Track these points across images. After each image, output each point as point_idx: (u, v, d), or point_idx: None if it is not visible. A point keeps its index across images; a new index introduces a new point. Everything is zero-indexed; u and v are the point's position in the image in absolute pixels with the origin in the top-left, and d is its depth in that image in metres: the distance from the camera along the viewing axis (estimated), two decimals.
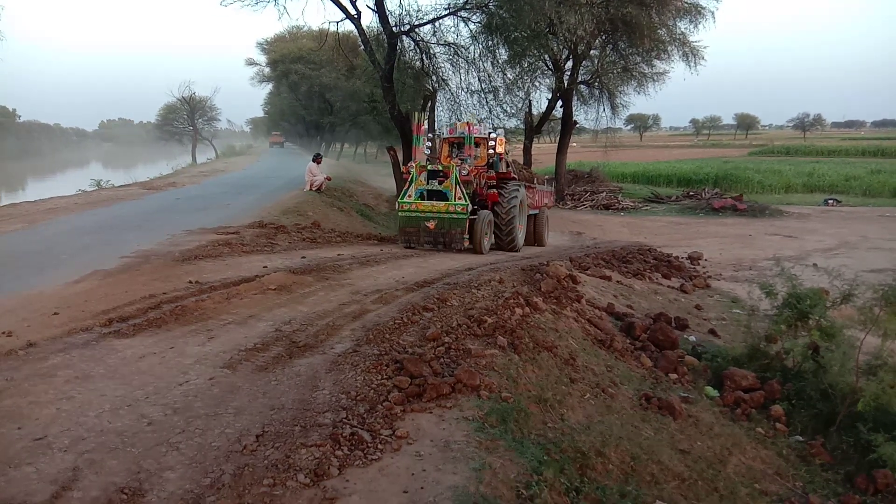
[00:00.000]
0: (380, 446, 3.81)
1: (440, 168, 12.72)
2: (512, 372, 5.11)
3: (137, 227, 12.52)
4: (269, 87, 57.01)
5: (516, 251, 13.35)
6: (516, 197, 13.48)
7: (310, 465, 3.50)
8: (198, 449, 3.63)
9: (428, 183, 12.54)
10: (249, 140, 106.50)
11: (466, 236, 12.21)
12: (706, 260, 14.49)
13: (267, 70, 50.26)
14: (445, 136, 14.96)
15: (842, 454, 5.25)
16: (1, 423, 3.90)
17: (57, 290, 7.38)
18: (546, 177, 19.37)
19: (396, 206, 12.63)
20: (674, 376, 6.39)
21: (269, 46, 47.33)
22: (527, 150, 27.02)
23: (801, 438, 5.51)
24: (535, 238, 15.87)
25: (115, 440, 3.71)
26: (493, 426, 4.18)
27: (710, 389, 6.24)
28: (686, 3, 22.37)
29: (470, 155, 14.00)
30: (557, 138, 29.10)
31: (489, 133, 14.19)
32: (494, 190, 13.55)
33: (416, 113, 13.61)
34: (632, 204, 27.08)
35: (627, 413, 5.17)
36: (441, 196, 12.37)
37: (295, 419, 4.04)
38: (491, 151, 14.02)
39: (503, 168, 14.30)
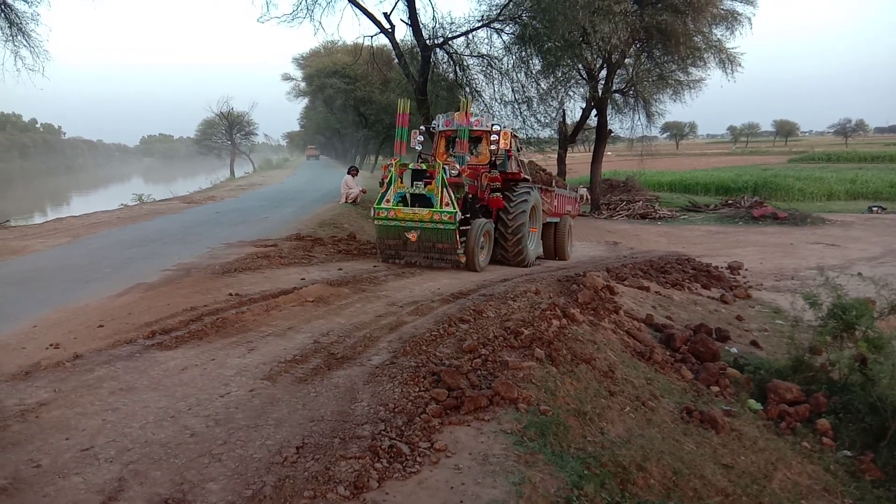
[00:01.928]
0: (418, 459, 3.81)
1: (424, 167, 10.73)
2: (550, 384, 5.07)
3: (178, 240, 12.77)
4: (304, 101, 57.82)
5: (526, 266, 11.70)
6: (526, 201, 11.68)
7: (349, 477, 3.51)
8: (239, 460, 3.67)
9: (412, 185, 10.62)
10: (286, 154, 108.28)
11: (460, 251, 10.39)
12: (746, 270, 14.21)
13: (303, 85, 50.95)
14: (441, 128, 12.76)
15: (893, 470, 5.08)
16: (49, 433, 4.00)
17: (102, 302, 7.56)
18: (581, 186, 18.94)
19: (372, 213, 10.83)
20: (715, 389, 6.26)
21: (305, 61, 47.99)
22: (561, 160, 26.94)
23: (849, 453, 5.35)
24: (555, 251, 14.27)
25: (158, 451, 3.77)
26: (531, 440, 4.15)
27: (753, 402, 6.10)
28: (722, 9, 22.15)
29: (463, 152, 11.88)
30: (592, 147, 28.96)
31: (492, 125, 12.08)
32: (498, 194, 11.66)
33: (401, 100, 11.61)
34: (669, 213, 26.74)
35: (668, 426, 5.08)
36: (426, 202, 10.47)
37: (334, 431, 4.06)
38: (493, 147, 11.70)
39: (512, 167, 12.50)
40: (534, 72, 20.38)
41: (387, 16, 18.49)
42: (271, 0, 30.11)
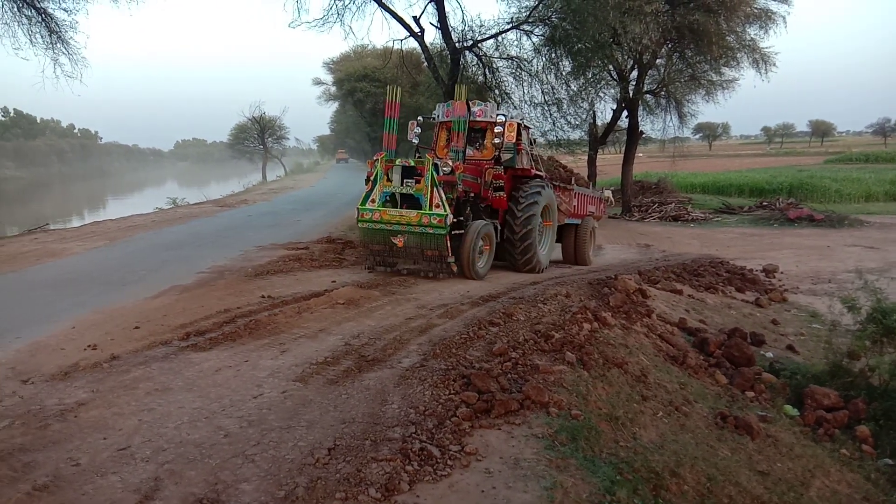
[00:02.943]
0: (449, 462, 3.81)
1: (412, 163, 9.69)
2: (581, 389, 5.03)
3: (212, 243, 12.97)
4: (335, 105, 58.30)
5: (536, 273, 10.82)
6: (536, 202, 10.66)
7: (381, 479, 3.53)
8: (272, 461, 3.71)
9: (403, 184, 9.57)
10: (317, 157, 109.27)
11: (452, 259, 9.35)
12: (782, 273, 13.93)
13: (333, 89, 51.36)
14: (441, 118, 11.53)
15: None
16: (88, 432, 4.09)
17: (138, 304, 7.71)
18: (607, 188, 18.42)
19: (356, 215, 9.79)
20: (750, 394, 6.15)
21: (335, 66, 48.36)
22: (591, 161, 26.74)
23: (890, 461, 5.21)
24: (575, 255, 13.32)
25: (193, 451, 3.83)
26: (563, 444, 4.12)
27: (789, 408, 5.98)
28: (756, 8, 21.75)
29: (459, 145, 10.43)
30: (623, 149, 28.68)
31: (496, 115, 10.90)
32: (502, 193, 10.57)
33: (390, 87, 10.56)
34: (702, 215, 26.34)
35: (702, 432, 5.00)
36: (415, 203, 9.49)
37: (365, 433, 4.08)
38: (498, 141, 10.60)
39: (523, 163, 11.28)
40: (564, 73, 20.25)
41: (416, 19, 18.56)
42: (303, 5, 30.38)
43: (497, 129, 10.56)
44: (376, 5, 18.50)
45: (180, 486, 3.46)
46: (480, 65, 20.28)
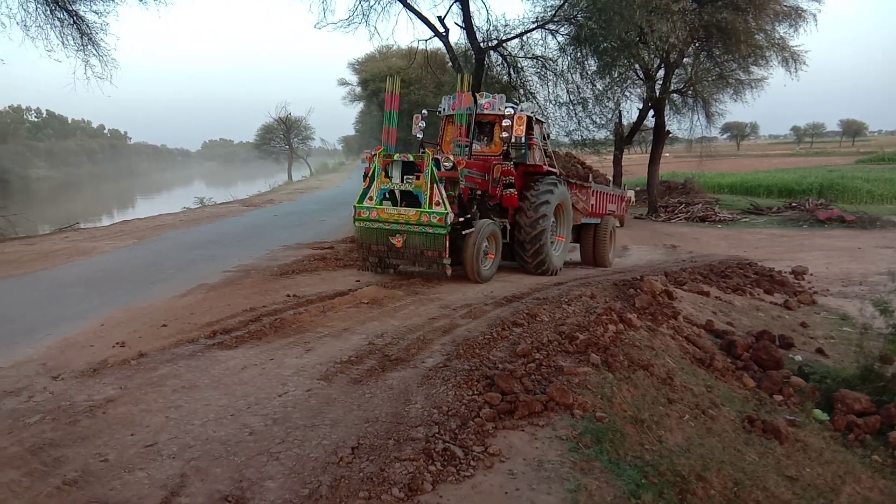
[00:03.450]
0: (472, 463, 3.79)
1: (411, 158, 9.13)
2: (606, 391, 4.99)
3: (238, 242, 13.11)
4: (360, 105, 58.60)
5: (549, 275, 10.36)
6: (548, 203, 10.11)
7: (404, 479, 3.53)
8: (296, 459, 3.73)
9: (403, 181, 9.08)
10: (342, 158, 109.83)
11: (447, 260, 8.81)
12: (811, 274, 13.71)
13: (358, 89, 51.61)
14: (447, 111, 10.98)
15: None
16: (116, 428, 4.15)
17: (165, 302, 7.82)
18: (627, 189, 18.08)
19: (353, 213, 9.31)
20: (779, 398, 6.05)
21: (360, 66, 48.57)
22: (617, 161, 26.55)
23: None
24: (594, 256, 12.91)
25: (219, 448, 3.87)
26: (587, 446, 4.09)
27: (818, 412, 5.87)
28: (785, 6, 21.41)
29: (461, 139, 10.13)
30: (649, 149, 28.42)
31: (504, 108, 10.23)
32: (513, 190, 9.99)
33: (390, 78, 10.13)
34: (730, 216, 26.00)
35: (729, 436, 4.93)
36: (416, 200, 8.99)
37: (388, 432, 4.09)
38: (506, 135, 9.90)
39: (535, 158, 10.69)
40: (589, 72, 20.14)
41: (441, 19, 18.59)
42: (328, 6, 30.61)
43: (505, 123, 9.87)
44: (401, 6, 18.57)
45: (206, 482, 3.49)
46: (505, 64, 20.25)
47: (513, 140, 9.83)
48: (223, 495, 3.36)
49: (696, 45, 22.51)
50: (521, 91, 20.31)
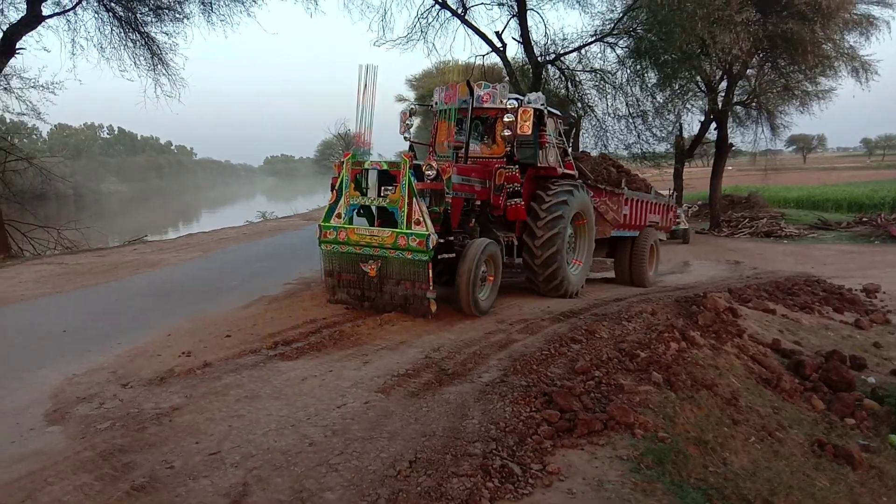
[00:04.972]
0: (530, 481, 3.75)
1: (384, 166, 7.69)
2: (668, 410, 4.86)
3: (299, 255, 13.35)
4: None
5: (567, 297, 8.99)
6: (562, 217, 8.56)
7: (461, 495, 3.51)
8: (355, 471, 3.76)
9: (380, 193, 7.67)
10: None
11: (432, 294, 7.21)
12: (884, 292, 13.10)
13: (415, 105, 52.07)
14: (440, 106, 9.11)
15: None
16: (181, 436, 4.26)
17: (229, 313, 8.00)
18: (700, 202, 17.72)
19: (317, 234, 7.82)
20: (851, 421, 5.79)
21: (418, 82, 49.09)
22: (678, 175, 26.06)
23: None
24: (630, 275, 11.40)
25: (280, 458, 3.92)
26: (649, 467, 3.99)
27: (895, 438, 5.60)
28: (856, 14, 20.69)
29: (451, 140, 8.70)
30: (711, 162, 27.81)
31: (506, 101, 8.47)
32: (519, 200, 8.42)
33: (360, 65, 8.17)
34: (796, 231, 25.16)
35: (798, 460, 4.74)
36: (390, 218, 7.50)
37: (446, 447, 4.07)
38: (508, 133, 8.22)
39: (547, 160, 9.06)
40: (649, 85, 19.93)
41: (499, 35, 18.71)
42: (387, 24, 31.10)
43: (507, 119, 8.16)
44: (459, 22, 18.78)
45: (267, 492, 3.55)
46: (563, 78, 20.21)
47: (517, 139, 8.41)
48: None
49: (760, 56, 21.96)
50: (579, 104, 20.20)
